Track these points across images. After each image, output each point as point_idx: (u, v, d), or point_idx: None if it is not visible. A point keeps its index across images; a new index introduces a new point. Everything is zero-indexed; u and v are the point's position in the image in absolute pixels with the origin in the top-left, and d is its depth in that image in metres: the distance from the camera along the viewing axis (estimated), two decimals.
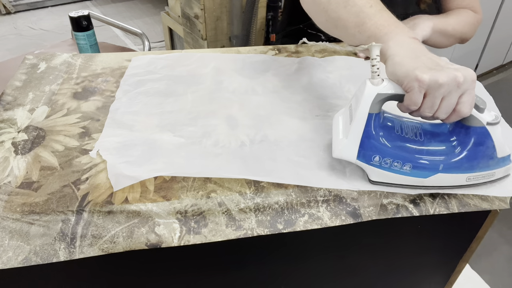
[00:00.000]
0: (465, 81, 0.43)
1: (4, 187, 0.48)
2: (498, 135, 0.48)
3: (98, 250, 0.45)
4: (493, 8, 2.18)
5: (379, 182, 0.50)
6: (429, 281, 0.68)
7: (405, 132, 0.50)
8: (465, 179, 0.50)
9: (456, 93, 0.43)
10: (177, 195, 0.48)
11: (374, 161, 0.49)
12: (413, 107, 0.45)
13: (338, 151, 0.49)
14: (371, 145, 0.48)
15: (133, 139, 0.56)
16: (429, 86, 0.43)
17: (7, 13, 3.25)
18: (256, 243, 0.50)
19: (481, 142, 0.48)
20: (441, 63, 0.45)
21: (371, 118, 0.47)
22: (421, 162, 0.49)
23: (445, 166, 0.49)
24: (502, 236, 1.54)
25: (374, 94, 0.46)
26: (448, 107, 0.45)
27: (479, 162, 0.49)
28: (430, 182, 0.50)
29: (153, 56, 0.77)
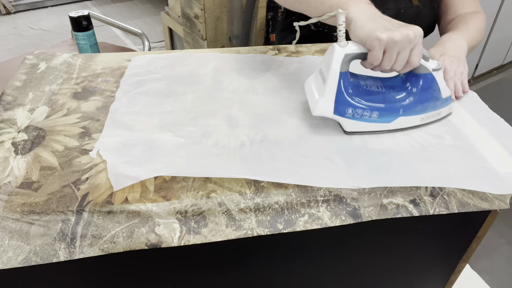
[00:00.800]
0: (415, 36, 0.52)
1: (4, 187, 0.48)
2: (441, 79, 0.59)
3: (98, 250, 0.45)
4: (493, 8, 2.18)
5: (352, 132, 0.58)
6: (429, 281, 0.68)
7: (369, 86, 0.59)
8: (419, 119, 0.60)
9: (408, 47, 0.53)
10: (177, 195, 0.48)
11: (347, 114, 0.56)
12: (375, 63, 0.54)
13: (317, 109, 0.56)
14: (345, 100, 0.56)
15: (133, 139, 0.56)
16: (387, 44, 0.51)
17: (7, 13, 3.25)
18: (256, 243, 0.50)
19: (429, 86, 0.58)
20: (396, 24, 0.54)
21: (341, 77, 0.55)
22: (385, 109, 0.58)
23: (404, 110, 0.58)
24: (502, 236, 1.54)
25: (343, 55, 0.54)
26: (403, 60, 0.54)
27: (429, 103, 0.59)
28: (394, 125, 0.59)
29: (153, 56, 0.77)
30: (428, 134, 0.60)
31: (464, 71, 0.71)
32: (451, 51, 0.73)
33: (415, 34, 0.52)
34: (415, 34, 0.52)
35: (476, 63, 2.43)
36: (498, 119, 0.64)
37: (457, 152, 0.57)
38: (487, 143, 0.59)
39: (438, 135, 0.60)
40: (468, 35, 0.78)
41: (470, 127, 0.62)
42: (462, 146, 0.58)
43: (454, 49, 0.74)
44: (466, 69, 0.72)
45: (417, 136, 0.59)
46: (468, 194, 0.52)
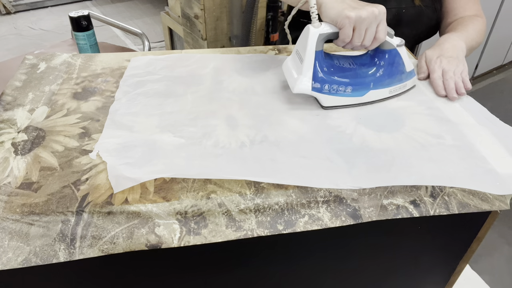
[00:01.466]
0: (380, 13, 0.58)
1: (4, 188, 0.48)
2: (404, 54, 0.65)
3: (98, 251, 0.45)
4: (493, 8, 2.18)
5: (330, 106, 0.63)
6: (429, 281, 0.68)
7: (342, 64, 0.64)
8: (388, 92, 0.65)
9: (374, 23, 0.58)
10: (177, 196, 0.48)
11: (324, 89, 0.61)
12: (346, 40, 0.59)
13: (297, 87, 0.61)
14: (321, 77, 0.61)
15: (133, 140, 0.56)
16: (356, 21, 0.56)
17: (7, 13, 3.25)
18: (256, 244, 0.50)
19: (394, 61, 0.64)
20: (361, 3, 0.59)
21: (317, 55, 0.60)
22: (357, 83, 0.63)
23: (374, 83, 0.64)
24: (502, 237, 1.54)
25: (317, 34, 0.58)
26: (371, 35, 0.59)
27: (395, 76, 0.65)
28: (366, 98, 0.64)
29: (152, 57, 0.77)
30: (428, 134, 0.60)
31: (464, 70, 0.71)
32: (448, 52, 0.73)
33: (379, 11, 0.57)
34: (380, 11, 0.57)
35: (476, 63, 2.43)
36: (498, 121, 0.64)
37: (458, 152, 0.57)
38: (488, 143, 0.59)
39: (438, 135, 0.60)
40: (467, 36, 0.79)
41: (471, 127, 0.62)
42: (463, 146, 0.58)
43: (451, 49, 0.74)
44: (466, 68, 0.72)
45: (417, 136, 0.59)
46: (469, 195, 0.52)
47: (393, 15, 0.90)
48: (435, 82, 0.70)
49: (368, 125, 0.61)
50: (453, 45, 0.76)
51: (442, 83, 0.69)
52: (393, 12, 0.89)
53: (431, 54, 0.75)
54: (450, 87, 0.68)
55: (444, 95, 0.68)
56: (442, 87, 0.69)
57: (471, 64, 2.41)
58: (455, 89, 0.68)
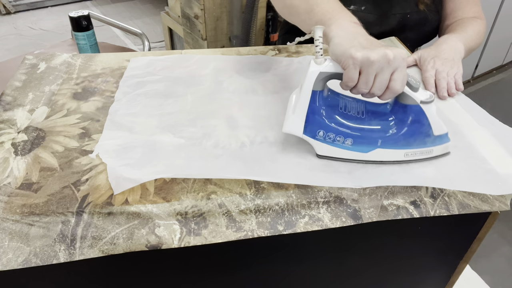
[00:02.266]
0: (395, 58, 0.46)
1: (4, 188, 0.48)
2: (432, 113, 0.52)
3: (98, 252, 0.45)
4: (493, 8, 2.18)
5: (325, 156, 0.54)
6: (430, 281, 0.68)
7: (348, 110, 0.54)
8: (403, 154, 0.53)
9: (387, 70, 0.47)
10: (177, 196, 0.48)
11: (319, 136, 0.53)
12: (350, 84, 0.49)
13: (287, 126, 0.53)
14: (316, 121, 0.52)
15: (132, 141, 0.56)
16: (362, 63, 0.47)
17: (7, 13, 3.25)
18: (256, 244, 0.50)
19: (416, 119, 0.52)
20: (376, 43, 0.49)
21: (315, 95, 0.51)
22: (361, 137, 0.53)
23: (383, 141, 0.52)
24: (502, 237, 1.54)
25: (317, 72, 0.50)
26: (381, 83, 0.48)
27: (415, 138, 0.53)
28: (371, 156, 0.53)
29: (152, 57, 0.77)
30: None
31: (458, 72, 0.71)
32: (444, 54, 0.74)
33: (395, 55, 0.46)
34: (395, 56, 0.46)
35: (476, 63, 2.42)
36: (497, 123, 0.64)
37: (458, 153, 0.57)
38: (488, 144, 0.59)
39: None
40: (466, 37, 0.79)
41: (471, 128, 0.62)
42: (463, 147, 0.58)
43: (448, 51, 0.74)
44: (460, 71, 0.72)
45: None
46: (469, 196, 0.52)
47: (398, 21, 0.90)
48: (426, 80, 0.71)
49: None
50: (451, 47, 0.76)
51: (434, 82, 0.70)
52: (398, 17, 0.89)
53: (426, 54, 0.75)
54: (441, 86, 0.69)
55: (433, 93, 0.69)
56: (433, 85, 0.70)
57: (471, 64, 2.41)
58: (447, 89, 0.69)
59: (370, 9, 0.87)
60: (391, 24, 0.90)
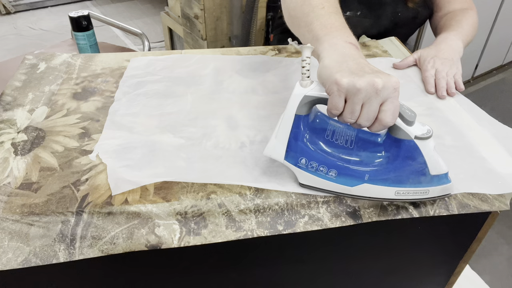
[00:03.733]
0: (385, 88, 0.42)
1: (4, 188, 0.48)
2: (429, 150, 0.46)
3: (98, 251, 0.45)
4: (493, 8, 2.18)
5: (307, 185, 0.50)
6: (429, 281, 0.68)
7: (336, 138, 0.49)
8: (393, 192, 0.48)
9: (375, 100, 0.42)
10: (177, 196, 0.48)
11: (301, 164, 0.48)
12: (334, 111, 0.44)
13: (268, 149, 0.49)
14: (298, 147, 0.48)
15: (132, 141, 0.56)
16: (348, 90, 0.42)
17: (7, 13, 3.25)
18: (256, 244, 0.50)
19: (409, 156, 0.46)
20: (366, 69, 0.44)
21: (299, 120, 0.47)
22: (346, 169, 0.48)
23: (371, 176, 0.47)
24: (502, 237, 1.54)
25: (302, 95, 0.45)
26: (368, 114, 0.43)
27: (408, 176, 0.47)
28: (357, 191, 0.48)
29: (152, 57, 0.77)
30: None
31: (457, 72, 0.72)
32: (444, 54, 0.74)
33: (384, 84, 0.41)
34: (385, 85, 0.41)
35: (476, 63, 2.42)
36: (497, 123, 0.64)
37: (458, 152, 0.57)
38: (487, 144, 0.59)
39: (438, 135, 0.60)
40: (463, 33, 0.80)
41: (471, 128, 0.62)
42: (463, 147, 0.58)
43: (447, 51, 0.75)
44: (460, 71, 0.73)
45: None
46: (468, 196, 0.52)
47: (390, 20, 0.91)
48: (426, 79, 0.71)
49: None
50: (450, 46, 0.76)
51: (433, 81, 0.71)
52: (390, 17, 0.91)
53: (426, 54, 0.75)
54: (441, 85, 0.69)
55: (433, 92, 0.70)
56: (433, 85, 0.70)
57: (471, 64, 2.41)
58: (446, 89, 0.69)
59: (365, 14, 0.89)
60: (385, 24, 0.91)
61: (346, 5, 0.88)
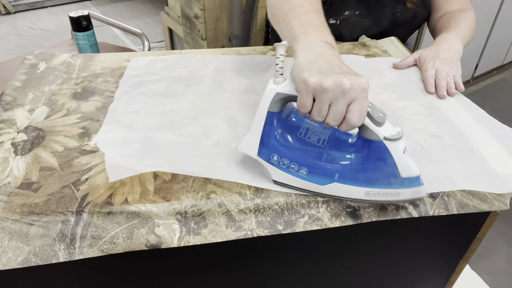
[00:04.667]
0: (352, 88, 0.42)
1: (4, 188, 0.48)
2: (399, 152, 0.45)
3: (97, 251, 0.45)
4: (493, 8, 2.18)
5: (280, 182, 0.50)
6: (429, 281, 0.68)
7: (308, 136, 0.49)
8: (363, 193, 0.48)
9: (342, 100, 0.42)
10: (176, 196, 0.48)
11: (273, 160, 0.49)
12: (302, 110, 0.45)
13: (241, 145, 0.50)
14: (270, 144, 0.48)
15: (131, 136, 0.56)
16: (315, 90, 0.43)
17: (7, 13, 3.25)
18: (256, 244, 0.50)
19: (379, 157, 0.46)
20: (336, 69, 0.45)
21: (272, 117, 0.47)
22: (316, 168, 0.48)
23: (341, 175, 0.48)
24: (502, 237, 1.54)
25: (274, 93, 0.46)
26: (335, 114, 0.44)
27: (377, 177, 0.47)
28: (327, 190, 0.49)
29: (152, 57, 0.77)
30: (428, 135, 0.60)
31: (457, 73, 0.72)
32: (444, 54, 0.75)
33: (352, 85, 0.42)
34: (353, 85, 0.42)
35: (476, 63, 2.42)
36: (497, 123, 0.64)
37: (457, 152, 0.57)
38: (487, 143, 0.59)
39: (438, 135, 0.60)
40: (462, 33, 0.81)
41: (470, 128, 0.62)
42: (462, 147, 0.58)
43: (447, 51, 0.76)
44: (459, 71, 0.73)
45: (417, 137, 0.59)
46: (468, 195, 0.52)
47: (389, 20, 0.91)
48: (427, 79, 0.72)
49: None
50: (449, 46, 0.77)
51: (434, 81, 0.71)
52: (389, 17, 0.91)
53: (426, 54, 0.76)
54: (441, 85, 0.69)
55: (433, 92, 0.70)
56: (433, 85, 0.70)
57: (471, 64, 2.41)
58: (446, 89, 0.69)
59: (364, 13, 0.89)
60: (384, 24, 0.91)
61: (344, 4, 0.88)
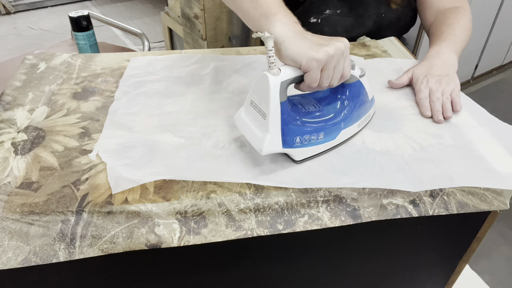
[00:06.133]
0: (346, 47, 0.50)
1: (4, 188, 0.48)
2: (366, 82, 0.58)
3: (98, 251, 0.45)
4: (493, 8, 2.18)
5: (303, 159, 0.54)
6: (429, 281, 0.68)
7: (307, 108, 0.55)
8: (357, 126, 0.58)
9: (342, 60, 0.50)
10: (176, 195, 0.48)
11: (296, 143, 0.52)
12: (313, 84, 0.50)
13: (265, 147, 0.50)
14: (290, 130, 0.51)
15: (132, 140, 0.56)
16: (325, 61, 0.48)
17: (7, 13, 3.25)
18: (256, 243, 0.50)
19: (359, 92, 0.57)
20: (322, 39, 0.50)
21: (282, 107, 0.50)
22: (329, 126, 0.55)
23: (345, 122, 0.56)
24: (501, 237, 1.54)
25: (279, 84, 0.48)
26: (339, 74, 0.51)
27: (362, 109, 0.58)
28: (338, 140, 0.56)
29: (152, 57, 0.77)
30: (428, 134, 0.60)
31: (455, 88, 0.66)
32: (438, 70, 0.68)
33: (345, 45, 0.50)
34: (345, 45, 0.50)
35: (476, 63, 2.43)
36: (497, 121, 0.64)
37: (457, 152, 0.57)
38: (487, 142, 0.59)
39: (438, 134, 0.60)
40: (456, 41, 0.74)
41: (470, 127, 0.62)
42: (462, 146, 0.58)
43: (441, 67, 0.69)
44: (458, 86, 0.67)
45: (417, 136, 0.59)
46: (468, 195, 0.52)
47: (373, 21, 0.88)
48: (421, 102, 0.65)
49: (367, 125, 0.61)
50: (443, 61, 0.70)
51: (429, 103, 0.65)
52: (373, 18, 0.88)
53: (418, 73, 0.70)
54: (436, 109, 0.63)
55: (429, 116, 0.64)
56: (428, 108, 0.64)
57: (471, 64, 2.41)
58: (442, 112, 0.63)
59: (346, 12, 0.86)
60: (368, 25, 0.89)
61: (325, 3, 0.85)
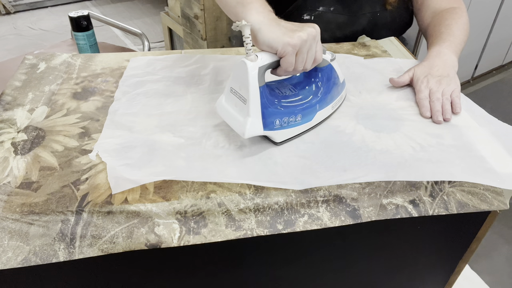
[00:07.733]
0: (317, 32, 0.53)
1: (4, 187, 0.48)
2: (337, 67, 0.62)
3: (97, 251, 0.45)
4: (493, 8, 2.18)
5: (283, 141, 0.57)
6: (429, 281, 0.68)
7: (284, 92, 0.59)
8: (331, 108, 0.62)
9: (314, 44, 0.53)
10: (176, 195, 0.48)
11: (276, 125, 0.55)
12: (289, 68, 0.53)
13: (248, 131, 0.53)
14: (270, 113, 0.54)
15: (132, 140, 0.56)
16: (299, 45, 0.51)
17: (6, 13, 3.25)
18: (255, 243, 0.50)
19: (331, 76, 0.61)
20: (294, 25, 0.53)
21: (261, 91, 0.52)
22: (306, 108, 0.58)
23: (320, 104, 0.59)
24: (501, 237, 1.54)
25: (257, 69, 0.51)
26: (312, 57, 0.54)
27: (334, 91, 0.62)
28: (314, 121, 0.59)
29: (152, 57, 0.77)
30: (428, 134, 0.60)
31: (456, 89, 0.66)
32: (438, 71, 0.69)
33: (316, 30, 0.53)
34: (317, 30, 0.53)
35: (476, 63, 2.42)
36: (497, 121, 0.64)
37: (457, 152, 0.57)
38: (487, 143, 0.59)
39: (438, 134, 0.60)
40: (455, 42, 0.75)
41: (470, 127, 0.62)
42: (462, 146, 0.58)
43: (442, 67, 0.69)
44: (458, 87, 0.67)
45: (417, 136, 0.59)
46: (468, 195, 0.52)
47: (368, 20, 0.88)
48: (421, 102, 0.65)
49: (367, 125, 0.61)
50: (444, 62, 0.70)
51: (428, 103, 0.65)
52: (368, 17, 0.88)
53: (419, 73, 0.70)
54: (435, 109, 0.63)
55: (429, 116, 0.64)
56: (428, 108, 0.64)
57: (471, 64, 2.41)
58: (442, 112, 0.63)
59: (339, 10, 0.86)
60: (362, 23, 0.88)
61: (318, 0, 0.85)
